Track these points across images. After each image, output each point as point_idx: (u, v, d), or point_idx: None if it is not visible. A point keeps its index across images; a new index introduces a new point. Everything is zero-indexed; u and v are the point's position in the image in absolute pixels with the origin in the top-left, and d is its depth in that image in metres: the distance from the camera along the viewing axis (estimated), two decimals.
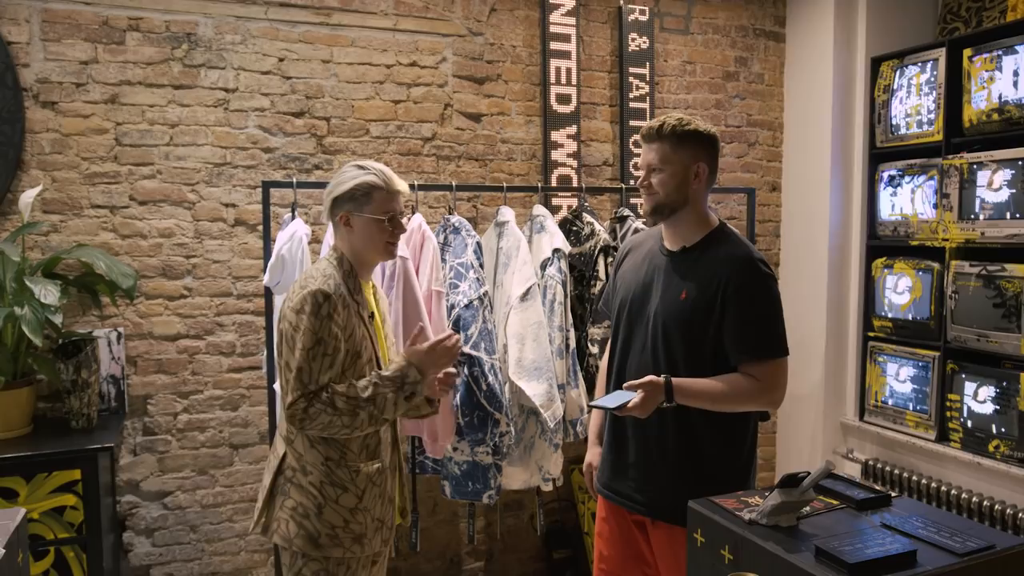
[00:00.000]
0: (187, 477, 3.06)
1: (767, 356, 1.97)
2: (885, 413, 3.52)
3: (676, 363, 1.99)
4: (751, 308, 1.96)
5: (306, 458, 1.96)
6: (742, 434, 2.07)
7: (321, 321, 1.87)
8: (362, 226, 1.98)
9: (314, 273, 1.96)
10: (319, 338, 1.86)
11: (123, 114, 2.89)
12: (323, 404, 1.86)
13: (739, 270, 1.97)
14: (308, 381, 1.86)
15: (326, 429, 1.89)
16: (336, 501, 1.96)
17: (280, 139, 3.09)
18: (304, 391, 1.86)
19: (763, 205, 3.95)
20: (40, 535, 2.47)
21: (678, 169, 2.00)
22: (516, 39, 3.42)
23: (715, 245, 2.03)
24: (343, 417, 1.87)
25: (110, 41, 2.86)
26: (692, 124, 2.01)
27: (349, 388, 1.89)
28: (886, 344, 3.52)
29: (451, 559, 3.46)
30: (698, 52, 3.76)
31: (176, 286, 3.00)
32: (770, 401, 2.01)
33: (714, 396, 1.95)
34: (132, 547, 3.01)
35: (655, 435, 2.03)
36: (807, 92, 3.80)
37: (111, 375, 2.91)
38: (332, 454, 1.96)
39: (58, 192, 2.84)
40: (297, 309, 1.88)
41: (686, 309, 1.98)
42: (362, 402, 1.89)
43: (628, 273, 2.18)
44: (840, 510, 1.83)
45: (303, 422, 1.87)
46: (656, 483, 2.03)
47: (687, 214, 2.04)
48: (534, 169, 3.48)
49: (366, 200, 1.96)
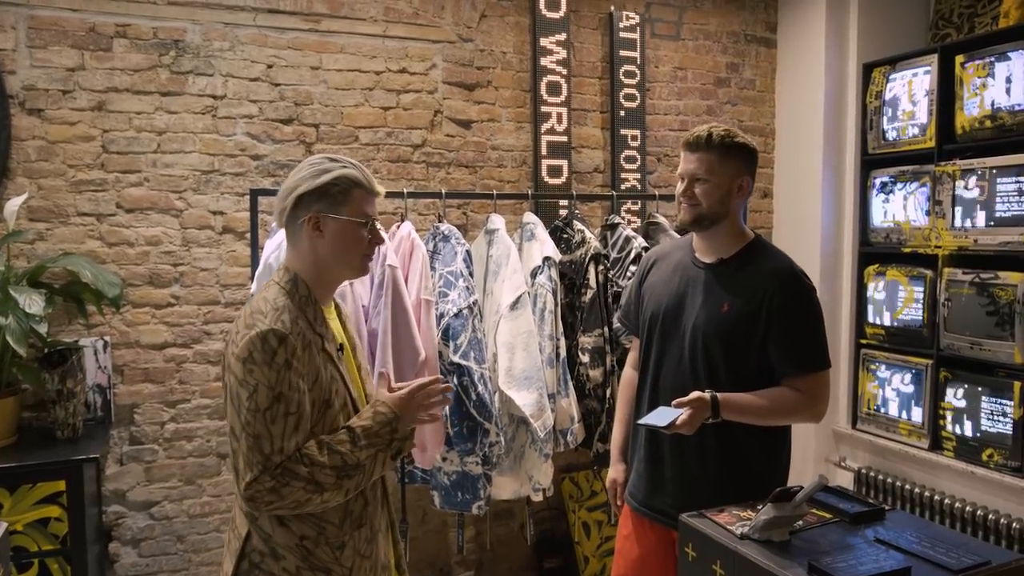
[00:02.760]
0: (174, 487, 3.02)
1: (812, 369, 1.96)
2: (878, 421, 3.51)
3: (718, 376, 1.97)
4: (796, 322, 1.95)
5: (276, 539, 1.54)
6: (781, 446, 2.06)
7: (278, 372, 1.45)
8: (337, 231, 1.59)
9: (261, 306, 1.53)
10: (278, 394, 1.45)
11: (110, 121, 2.86)
12: (301, 481, 1.46)
13: (784, 284, 1.96)
14: (271, 451, 1.44)
15: (300, 507, 1.49)
16: None
17: (269, 146, 3.06)
18: (266, 465, 1.44)
19: (754, 211, 3.94)
20: (24, 547, 2.43)
21: (723, 181, 1.98)
22: (506, 45, 3.40)
23: (756, 258, 2.02)
24: (324, 493, 1.49)
25: (97, 48, 2.83)
26: (739, 136, 2.00)
27: (331, 456, 1.49)
28: (878, 351, 3.51)
29: (440, 568, 3.43)
30: (689, 58, 3.75)
31: (163, 294, 2.97)
32: (815, 414, 2.00)
33: (760, 411, 1.93)
34: (118, 558, 2.97)
35: (694, 449, 1.99)
36: (799, 98, 3.79)
37: (97, 384, 2.87)
38: (308, 531, 1.55)
39: (44, 200, 2.81)
40: (243, 358, 1.46)
41: (728, 322, 1.96)
42: (348, 470, 1.51)
43: (657, 285, 2.14)
44: (833, 524, 1.81)
45: (270, 504, 1.46)
46: (695, 498, 1.95)
47: (725, 226, 2.03)
48: (524, 176, 3.46)
49: (344, 198, 1.58)
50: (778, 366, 1.95)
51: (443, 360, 2.68)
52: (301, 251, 1.61)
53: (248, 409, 1.45)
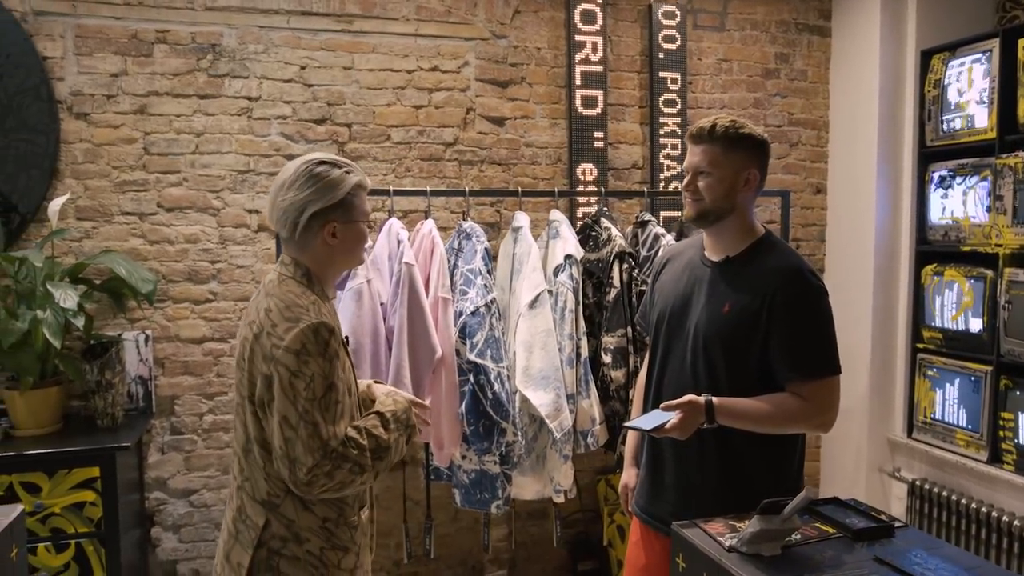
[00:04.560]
0: (212, 476, 3.13)
1: (816, 375, 1.82)
2: (934, 430, 3.30)
3: (718, 380, 1.87)
4: (799, 323, 1.82)
5: (299, 524, 1.64)
6: (789, 453, 1.93)
7: (330, 362, 1.57)
8: (350, 235, 1.69)
9: (297, 301, 1.61)
10: (330, 383, 1.57)
11: (151, 124, 2.99)
12: (350, 463, 1.57)
13: (787, 282, 1.83)
14: (328, 437, 1.54)
15: (343, 489, 1.60)
16: (338, 566, 1.68)
17: (302, 146, 3.13)
18: (326, 450, 1.54)
19: (807, 208, 3.77)
20: (62, 529, 2.57)
21: (727, 174, 1.87)
22: (541, 41, 3.36)
23: (761, 255, 1.90)
24: (365, 474, 1.60)
25: (139, 54, 2.96)
26: (745, 127, 1.88)
27: (370, 440, 1.62)
28: (936, 357, 3.30)
29: (473, 566, 3.43)
30: (735, 49, 3.61)
31: (202, 290, 3.08)
32: (820, 424, 1.86)
33: (758, 418, 1.81)
34: (160, 542, 3.10)
35: (695, 456, 1.91)
36: (855, 89, 3.59)
37: (139, 376, 3.01)
38: (330, 513, 1.66)
39: (91, 200, 2.96)
40: (296, 350, 1.55)
41: (729, 323, 1.85)
42: (382, 452, 1.63)
43: (667, 284, 2.06)
44: (834, 539, 1.71)
45: (324, 488, 1.56)
46: (696, 507, 1.88)
47: (732, 222, 1.92)
48: (559, 173, 3.42)
49: (354, 204, 1.69)
50: (779, 370, 1.83)
51: (460, 358, 2.68)
52: (313, 251, 1.68)
53: (306, 398, 1.54)
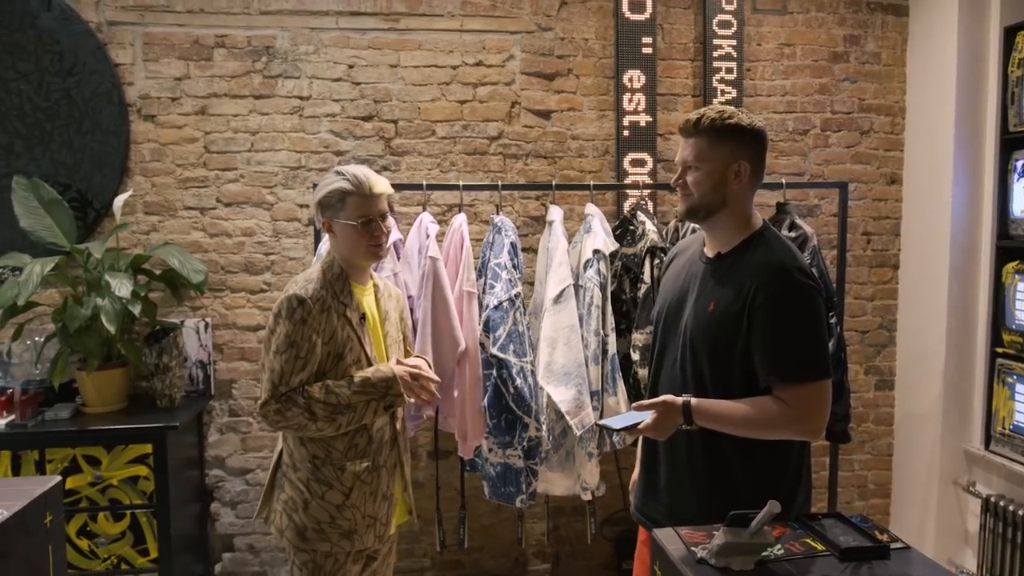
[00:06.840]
0: (266, 457, 3.31)
1: (797, 379, 1.72)
2: (1013, 443, 3.02)
3: (703, 382, 1.81)
4: (780, 323, 1.72)
5: (295, 455, 2.05)
6: (782, 457, 1.84)
7: (295, 325, 1.94)
8: (341, 232, 2.03)
9: (298, 278, 2.05)
10: (291, 341, 1.94)
11: (211, 124, 3.17)
12: (299, 408, 1.93)
13: (769, 279, 1.74)
14: (279, 383, 1.94)
15: (301, 430, 1.97)
16: (322, 498, 2.02)
17: (350, 142, 3.23)
18: (274, 393, 1.94)
19: (879, 200, 3.52)
20: (119, 499, 2.80)
21: (715, 167, 1.80)
22: (588, 32, 3.31)
23: (751, 251, 1.81)
24: (319, 422, 1.94)
25: (200, 58, 3.14)
26: (735, 117, 1.80)
27: (328, 394, 1.95)
28: (1016, 363, 3.02)
29: (516, 558, 3.46)
30: (798, 33, 3.41)
31: (256, 281, 3.25)
32: (804, 430, 1.76)
33: (736, 421, 1.74)
34: (218, 516, 3.31)
35: (684, 457, 1.87)
36: (935, 71, 3.31)
37: (199, 360, 3.21)
38: (318, 452, 2.02)
39: (157, 196, 3.18)
40: (275, 313, 1.98)
41: (713, 323, 1.79)
42: (342, 408, 1.95)
43: (669, 281, 2.02)
44: (819, 557, 1.61)
45: (276, 423, 1.96)
46: (685, 510, 1.85)
47: (726, 217, 1.84)
48: (607, 165, 3.36)
49: (341, 206, 2.01)
50: (759, 373, 1.73)
51: (484, 351, 2.69)
52: (332, 244, 2.08)
53: (273, 351, 1.96)
